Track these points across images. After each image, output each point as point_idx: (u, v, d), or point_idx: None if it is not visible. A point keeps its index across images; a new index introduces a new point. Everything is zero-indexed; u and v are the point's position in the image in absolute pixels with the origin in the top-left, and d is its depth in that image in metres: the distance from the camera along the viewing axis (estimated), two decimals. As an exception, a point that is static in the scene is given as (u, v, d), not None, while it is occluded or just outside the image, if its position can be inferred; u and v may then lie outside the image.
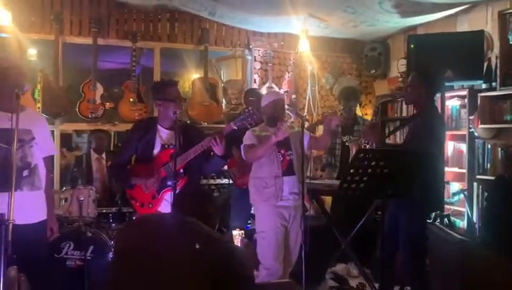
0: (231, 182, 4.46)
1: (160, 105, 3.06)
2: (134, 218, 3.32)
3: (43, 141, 2.79)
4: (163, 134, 3.06)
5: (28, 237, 2.56)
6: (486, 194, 3.77)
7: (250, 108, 3.04)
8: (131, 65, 4.96)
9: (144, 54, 5.67)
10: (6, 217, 2.19)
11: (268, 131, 3.37)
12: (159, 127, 3.07)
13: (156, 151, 3.04)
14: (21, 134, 2.62)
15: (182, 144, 2.98)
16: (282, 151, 3.36)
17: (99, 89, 4.84)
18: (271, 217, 3.31)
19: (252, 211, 3.95)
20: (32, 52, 4.69)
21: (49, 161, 2.89)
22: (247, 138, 3.40)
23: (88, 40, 4.94)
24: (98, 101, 4.82)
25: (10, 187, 2.27)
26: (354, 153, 3.91)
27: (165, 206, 3.01)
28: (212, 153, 2.99)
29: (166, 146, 3.03)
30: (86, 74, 4.92)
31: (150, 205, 3.04)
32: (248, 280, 1.92)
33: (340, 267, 4.35)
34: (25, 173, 2.65)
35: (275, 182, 3.30)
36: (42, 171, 2.77)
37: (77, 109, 4.76)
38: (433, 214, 3.51)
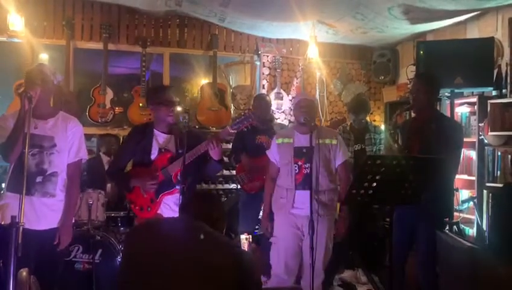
0: (239, 187, 4.47)
1: (152, 109, 3.12)
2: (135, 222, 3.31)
3: (67, 148, 2.75)
4: (160, 138, 3.07)
5: (39, 243, 2.59)
6: (492, 202, 3.74)
7: (246, 111, 3.06)
8: (141, 70, 5.01)
9: (153, 59, 5.71)
10: (17, 220, 2.21)
11: (292, 138, 3.27)
12: (155, 131, 3.09)
13: (153, 155, 3.05)
14: (42, 140, 2.66)
15: (181, 147, 2.98)
16: (299, 163, 3.19)
17: (109, 94, 4.88)
18: (284, 226, 3.26)
19: (259, 217, 3.95)
20: (44, 57, 4.75)
21: (73, 166, 2.80)
22: (271, 151, 3.39)
23: (99, 46, 4.99)
24: (108, 105, 4.86)
25: (22, 191, 2.30)
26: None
27: (164, 209, 3.01)
28: (209, 157, 2.98)
29: (163, 150, 3.05)
30: (97, 79, 4.97)
31: (149, 209, 3.03)
32: (255, 284, 1.93)
33: (348, 274, 4.34)
34: (38, 179, 2.66)
35: (286, 194, 3.24)
36: (62, 180, 2.75)
37: (87, 113, 4.81)
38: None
